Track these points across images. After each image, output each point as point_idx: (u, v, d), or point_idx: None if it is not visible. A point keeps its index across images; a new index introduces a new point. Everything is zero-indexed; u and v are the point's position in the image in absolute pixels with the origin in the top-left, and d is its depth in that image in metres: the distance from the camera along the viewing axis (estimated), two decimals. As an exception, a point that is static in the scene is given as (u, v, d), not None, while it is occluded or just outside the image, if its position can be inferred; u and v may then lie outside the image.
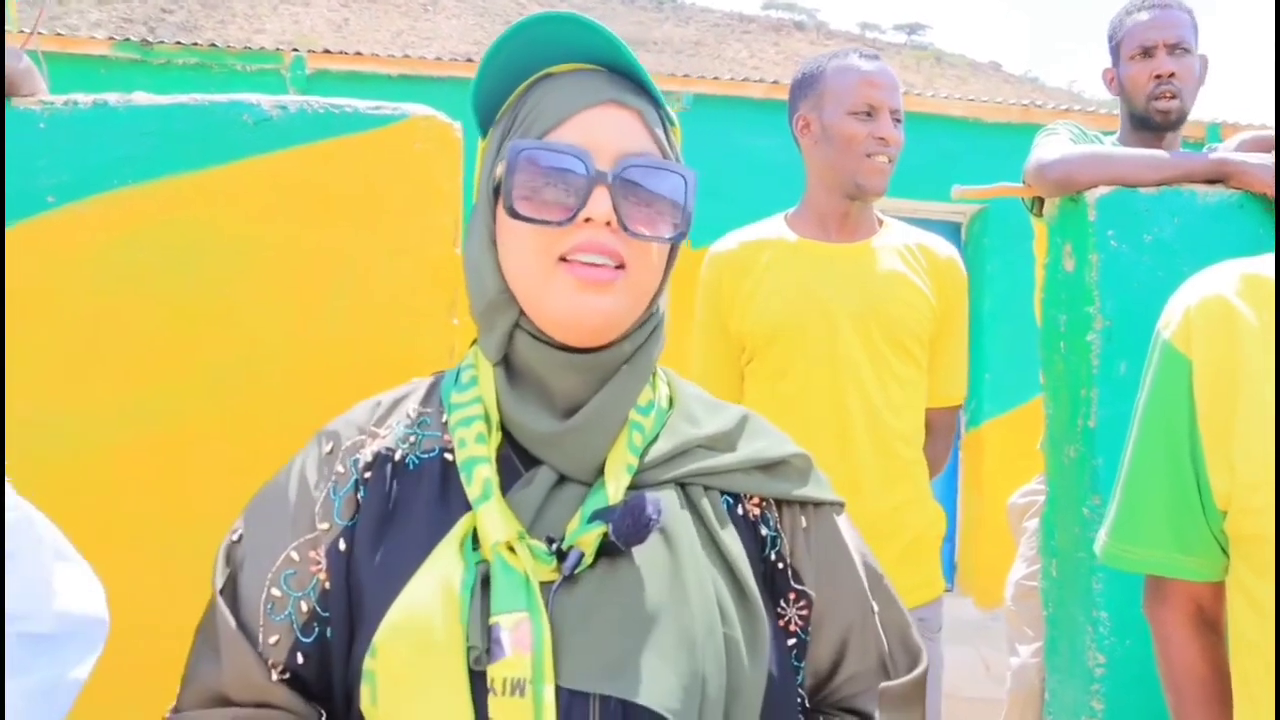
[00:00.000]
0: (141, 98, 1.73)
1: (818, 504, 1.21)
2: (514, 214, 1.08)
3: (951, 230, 7.44)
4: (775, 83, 7.69)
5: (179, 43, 8.04)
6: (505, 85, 1.15)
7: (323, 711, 1.08)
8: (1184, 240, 2.16)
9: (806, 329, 2.36)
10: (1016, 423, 6.83)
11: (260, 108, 1.75)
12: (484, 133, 1.19)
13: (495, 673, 0.97)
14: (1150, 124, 2.87)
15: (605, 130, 1.09)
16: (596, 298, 1.07)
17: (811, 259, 2.42)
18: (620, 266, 1.08)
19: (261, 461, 1.52)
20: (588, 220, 1.06)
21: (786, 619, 1.16)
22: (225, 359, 1.75)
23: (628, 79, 1.13)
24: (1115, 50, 2.98)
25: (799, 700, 1.16)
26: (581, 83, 1.11)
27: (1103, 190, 2.20)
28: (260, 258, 1.75)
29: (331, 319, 1.75)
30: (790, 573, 1.17)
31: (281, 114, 1.75)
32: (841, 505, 1.25)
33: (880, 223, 2.50)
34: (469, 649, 0.98)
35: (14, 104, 1.68)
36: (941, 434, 2.53)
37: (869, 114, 2.37)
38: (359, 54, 7.84)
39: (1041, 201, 2.60)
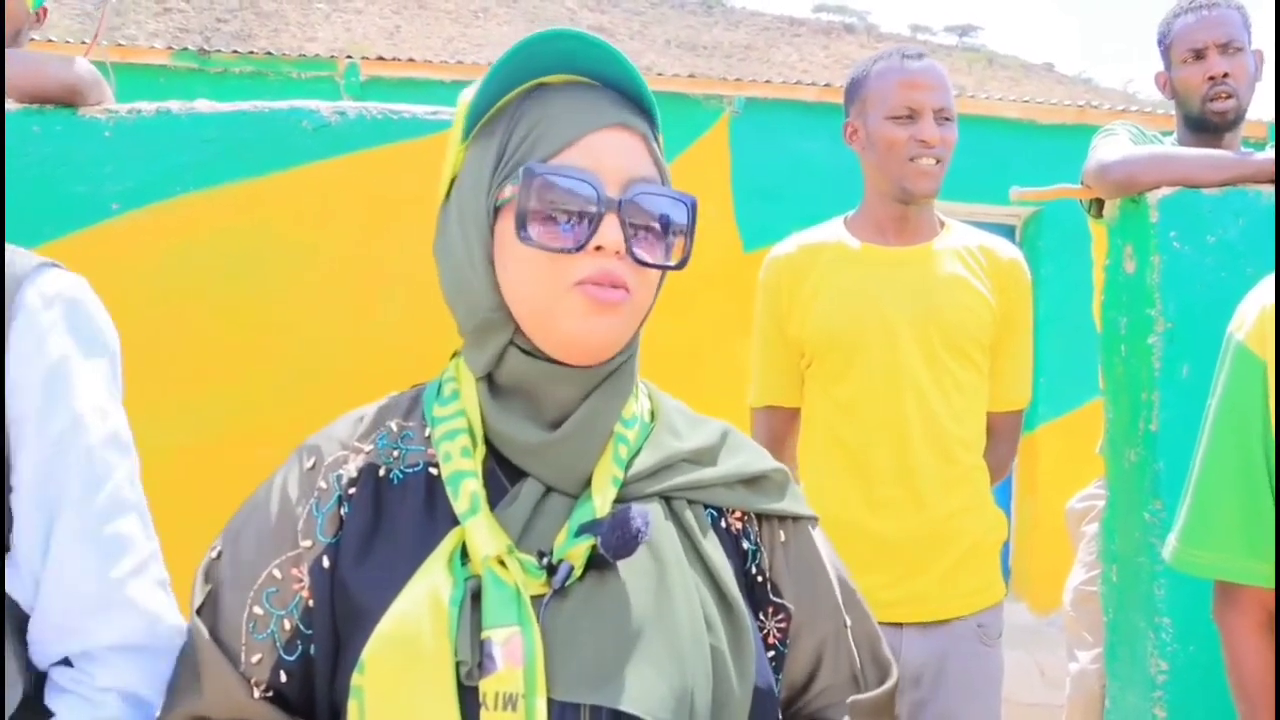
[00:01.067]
0: (203, 105, 1.75)
1: (795, 518, 1.22)
2: (527, 240, 1.07)
3: (1005, 233, 7.36)
4: (827, 86, 7.66)
5: (235, 51, 8.16)
6: (492, 94, 1.13)
7: None
8: (1248, 241, 2.13)
9: (864, 334, 2.34)
10: (1072, 427, 6.75)
11: (319, 114, 1.77)
12: (464, 136, 1.16)
13: (487, 687, 0.98)
14: (1207, 126, 2.82)
15: (612, 155, 1.09)
16: (605, 319, 1.08)
17: (870, 263, 2.40)
18: (625, 290, 1.08)
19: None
20: (598, 249, 1.06)
21: (766, 631, 1.16)
22: (285, 364, 1.76)
23: (622, 94, 1.13)
24: (1166, 53, 2.93)
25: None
26: (584, 101, 1.11)
27: (1165, 191, 2.17)
28: (319, 263, 1.76)
29: (390, 324, 1.76)
30: (769, 586, 1.18)
31: (340, 120, 1.77)
32: (816, 520, 1.25)
33: (942, 225, 2.47)
34: (459, 664, 0.98)
35: (80, 113, 1.71)
36: (1004, 438, 2.50)
37: (910, 116, 2.34)
38: (412, 60, 7.91)
39: (1100, 203, 2.57)
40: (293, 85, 7.43)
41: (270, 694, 1.07)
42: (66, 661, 1.10)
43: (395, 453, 1.13)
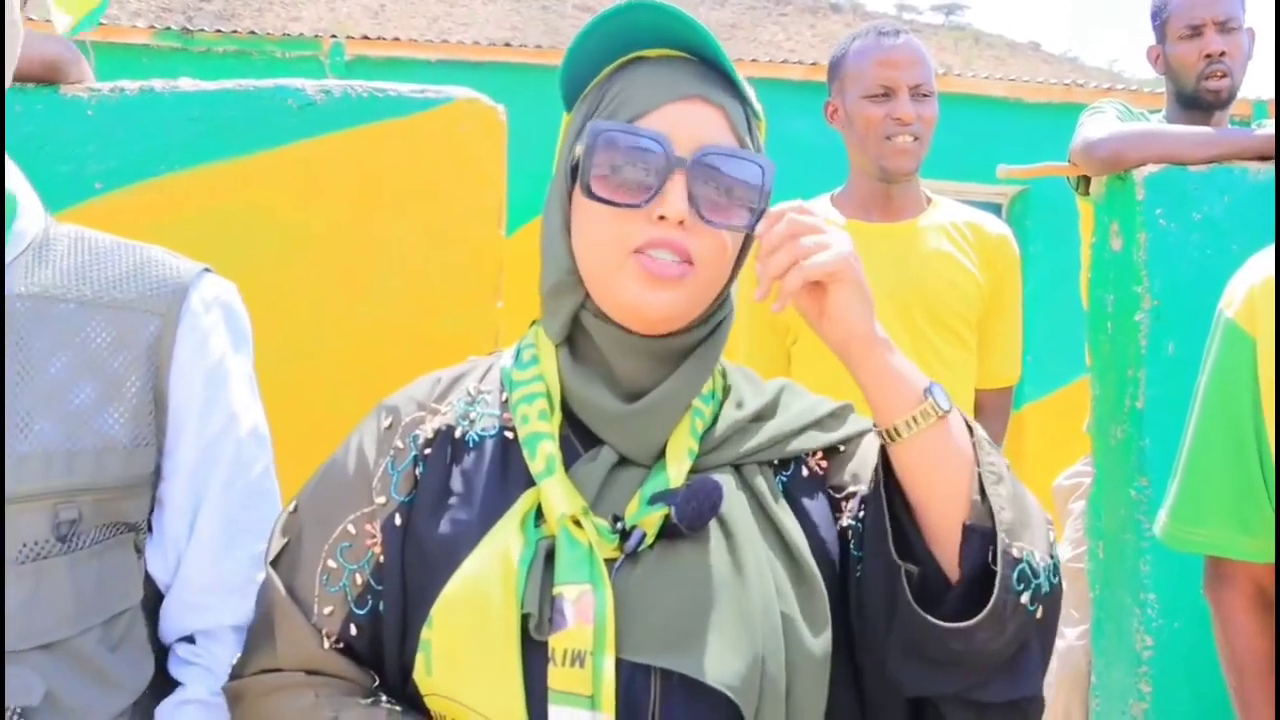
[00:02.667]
0: (187, 84, 1.74)
1: (860, 435, 1.21)
2: (589, 193, 1.08)
3: (992, 211, 7.34)
4: (814, 64, 7.65)
5: (219, 31, 8.11)
6: (593, 65, 1.15)
7: (376, 677, 1.10)
8: (1234, 218, 2.13)
9: (846, 310, 2.33)
10: (1057, 406, 6.77)
11: (304, 92, 1.76)
12: (568, 110, 1.19)
13: (556, 643, 0.99)
14: (1200, 103, 2.81)
15: (686, 124, 1.09)
16: (661, 293, 1.08)
17: (854, 240, 2.37)
18: (689, 262, 1.08)
19: (307, 445, 1.53)
20: (661, 218, 1.07)
21: (840, 522, 1.15)
22: (274, 343, 1.75)
23: (716, 71, 1.13)
24: (1161, 28, 2.91)
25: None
26: (670, 73, 1.12)
27: (1151, 168, 2.17)
28: (305, 242, 1.76)
29: (376, 302, 1.76)
30: (836, 492, 1.17)
31: (326, 99, 1.76)
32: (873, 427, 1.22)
33: (929, 201, 2.47)
34: (525, 617, 0.99)
35: (62, 91, 1.70)
36: (994, 416, 2.49)
37: (886, 95, 2.34)
38: (397, 39, 7.86)
39: (1087, 181, 2.57)
40: (277, 65, 7.38)
41: (340, 645, 1.09)
42: (189, 638, 1.21)
43: (471, 415, 1.15)
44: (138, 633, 1.15)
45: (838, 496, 1.17)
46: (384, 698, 1.08)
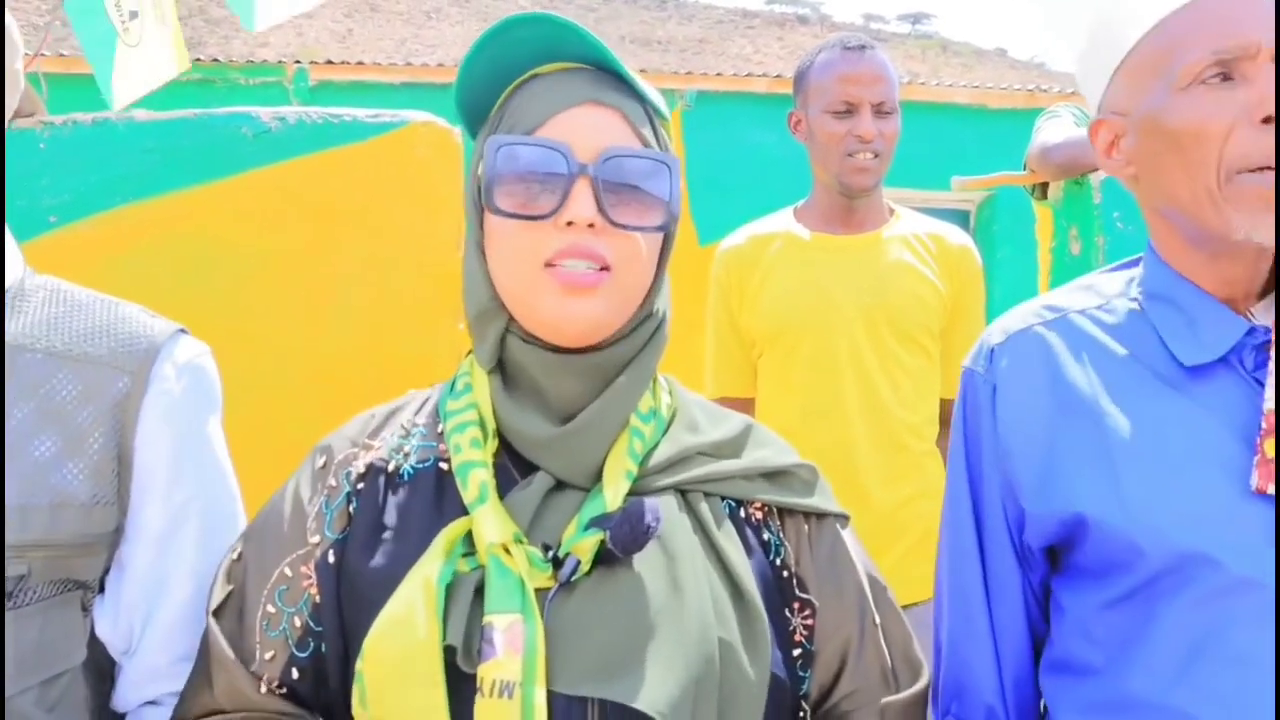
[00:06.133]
0: (141, 114, 1.74)
1: (820, 515, 1.20)
2: (496, 210, 1.07)
3: (960, 218, 7.41)
4: (778, 77, 7.69)
5: (183, 59, 8.09)
6: (493, 88, 1.14)
7: (320, 718, 1.09)
8: (1190, 219, 2.15)
9: (809, 322, 2.34)
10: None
11: (259, 120, 1.76)
12: (474, 137, 1.18)
13: (485, 673, 0.97)
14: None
15: (586, 128, 1.08)
16: (581, 302, 1.06)
17: (817, 252, 2.40)
18: (605, 269, 1.07)
19: (271, 471, 1.52)
20: (569, 224, 1.05)
21: (792, 628, 1.14)
22: (232, 370, 1.74)
23: (613, 76, 1.12)
24: None
25: (802, 714, 1.14)
26: (563, 83, 1.11)
27: (1107, 172, 2.19)
28: (264, 269, 1.75)
29: (337, 327, 1.75)
30: (795, 581, 1.16)
31: (281, 126, 1.76)
32: (846, 518, 1.23)
33: (892, 212, 2.48)
34: (448, 647, 0.98)
35: (14, 125, 1.69)
36: None
37: (848, 111, 2.34)
38: (361, 64, 7.87)
39: (1044, 186, 2.58)
40: (240, 92, 7.37)
41: (283, 690, 1.08)
42: (152, 702, 1.18)
43: (406, 448, 1.14)
44: (76, 694, 1.12)
45: (798, 593, 1.15)
46: None
